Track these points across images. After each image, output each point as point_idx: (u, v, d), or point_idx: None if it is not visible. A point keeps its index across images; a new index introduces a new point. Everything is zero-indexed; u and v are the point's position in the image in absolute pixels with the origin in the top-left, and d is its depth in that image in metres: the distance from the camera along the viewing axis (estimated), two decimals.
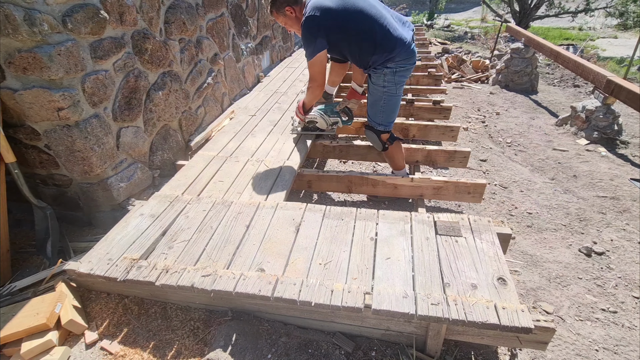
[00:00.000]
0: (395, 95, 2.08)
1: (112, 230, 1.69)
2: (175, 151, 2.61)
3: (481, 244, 1.50)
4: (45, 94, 1.69)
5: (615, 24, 9.81)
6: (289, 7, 1.99)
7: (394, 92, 2.06)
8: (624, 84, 3.20)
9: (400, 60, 1.96)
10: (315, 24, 1.90)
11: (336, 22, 1.90)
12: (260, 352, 1.34)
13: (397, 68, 1.98)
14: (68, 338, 1.45)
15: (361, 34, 1.91)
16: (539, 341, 1.27)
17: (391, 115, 2.16)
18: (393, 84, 2.03)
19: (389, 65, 1.97)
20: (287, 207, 1.77)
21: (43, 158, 1.96)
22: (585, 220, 2.44)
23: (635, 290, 1.90)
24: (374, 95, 2.11)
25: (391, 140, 2.23)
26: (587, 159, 3.23)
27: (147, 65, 2.24)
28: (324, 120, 2.49)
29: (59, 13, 1.64)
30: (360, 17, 1.88)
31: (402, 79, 2.06)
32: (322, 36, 1.93)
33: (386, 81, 2.02)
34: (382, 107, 2.11)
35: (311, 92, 2.21)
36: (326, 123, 2.50)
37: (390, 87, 2.04)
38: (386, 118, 2.16)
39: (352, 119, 2.58)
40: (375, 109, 2.14)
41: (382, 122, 2.17)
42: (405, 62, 1.99)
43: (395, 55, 1.93)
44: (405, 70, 2.03)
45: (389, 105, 2.11)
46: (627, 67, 5.37)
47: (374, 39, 1.90)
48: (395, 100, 2.11)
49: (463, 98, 4.76)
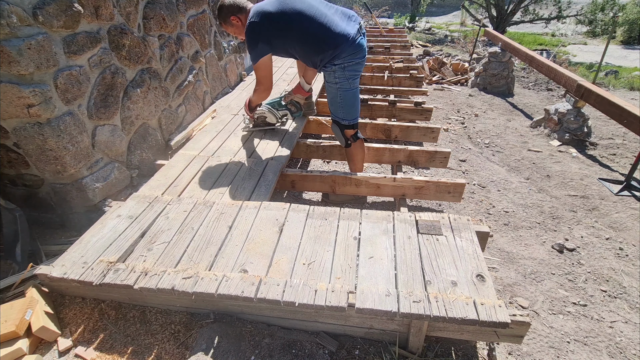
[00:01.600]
0: (349, 90, 2.10)
1: (87, 232, 1.62)
2: (155, 150, 2.54)
3: (461, 242, 1.54)
4: (14, 89, 1.61)
5: (585, 31, 10.31)
6: (234, 16, 2.03)
7: (347, 87, 2.08)
8: (593, 89, 3.37)
9: (346, 55, 1.96)
10: (256, 31, 1.92)
11: (276, 26, 1.92)
12: (244, 354, 1.33)
13: (345, 63, 1.99)
14: (40, 346, 1.38)
15: (302, 35, 1.94)
16: (516, 335, 1.31)
17: (351, 110, 2.18)
18: (344, 79, 2.04)
19: (336, 62, 1.98)
20: (270, 207, 1.76)
21: (12, 157, 1.86)
22: (557, 218, 2.55)
23: (603, 285, 2.01)
24: (330, 92, 2.15)
25: (355, 137, 2.26)
26: (560, 159, 3.38)
27: (124, 61, 2.16)
28: (272, 115, 2.54)
29: (29, 5, 1.57)
30: (299, 18, 1.90)
31: (354, 73, 2.07)
32: (264, 41, 1.94)
33: (337, 77, 2.04)
34: (340, 103, 2.14)
35: (257, 94, 2.23)
36: (275, 117, 2.55)
37: (343, 83, 2.06)
38: (347, 113, 2.18)
39: (301, 111, 2.64)
40: (335, 106, 2.18)
41: (344, 117, 2.19)
42: (353, 56, 1.98)
43: (340, 52, 1.94)
44: (355, 64, 2.03)
45: (346, 101, 2.13)
46: (596, 73, 5.66)
47: (316, 39, 1.93)
48: (351, 94, 2.13)
49: (443, 100, 4.88)
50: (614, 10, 8.95)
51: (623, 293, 1.95)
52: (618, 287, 1.99)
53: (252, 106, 2.39)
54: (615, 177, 3.11)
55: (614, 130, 4.04)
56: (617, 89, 5.85)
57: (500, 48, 5.14)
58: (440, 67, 6.17)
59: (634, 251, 2.26)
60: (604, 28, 9.18)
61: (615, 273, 2.08)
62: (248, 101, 2.38)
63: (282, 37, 1.96)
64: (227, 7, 2.02)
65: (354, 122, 2.22)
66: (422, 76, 4.25)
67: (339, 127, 2.23)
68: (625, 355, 1.62)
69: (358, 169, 2.37)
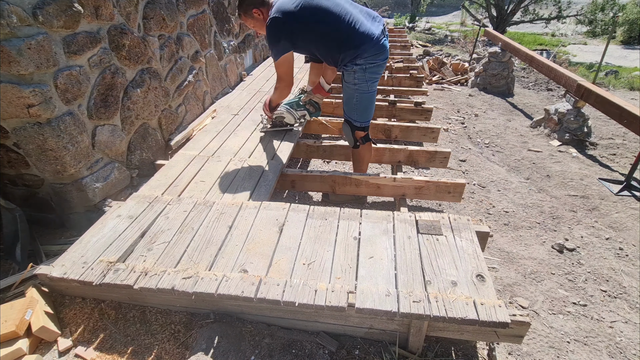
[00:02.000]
0: (367, 93, 2.09)
1: (87, 232, 1.62)
2: (155, 150, 2.54)
3: (461, 242, 1.54)
4: (14, 89, 1.60)
5: (585, 31, 10.31)
6: (256, 9, 1.98)
7: (365, 89, 2.07)
8: (593, 89, 3.37)
9: (369, 56, 1.95)
10: (278, 27, 1.89)
11: (300, 25, 1.90)
12: (244, 354, 1.33)
13: (366, 64, 1.98)
14: (40, 346, 1.38)
15: (326, 34, 1.92)
16: (516, 335, 1.31)
17: (365, 113, 2.18)
18: (364, 80, 2.03)
19: (358, 62, 1.96)
20: (270, 207, 1.76)
21: (12, 157, 1.86)
22: (557, 218, 2.55)
23: (603, 285, 2.01)
24: (347, 92, 2.14)
25: (364, 140, 2.26)
26: (560, 159, 3.38)
27: (124, 61, 2.16)
28: (291, 115, 2.51)
29: (29, 5, 1.57)
30: (324, 16, 1.88)
31: (374, 76, 2.05)
32: (286, 38, 1.92)
33: (357, 78, 2.02)
34: (356, 104, 2.13)
35: (279, 91, 2.20)
36: (294, 117, 2.52)
37: (362, 85, 2.04)
38: (361, 115, 2.17)
39: (319, 111, 2.59)
40: (350, 106, 2.17)
41: (357, 118, 2.18)
42: (375, 57, 1.97)
43: (362, 52, 1.92)
44: (376, 66, 2.02)
45: (362, 103, 2.13)
46: (596, 73, 5.66)
47: (340, 37, 1.91)
48: (368, 97, 2.12)
49: (443, 100, 4.88)
50: (614, 10, 8.96)
51: (623, 293, 1.95)
52: (618, 287, 1.99)
53: (272, 106, 2.35)
54: (615, 177, 3.11)
55: (614, 130, 4.04)
56: (617, 89, 5.85)
57: (500, 48, 5.14)
58: (440, 67, 6.17)
59: (634, 251, 2.26)
60: (604, 28, 9.18)
61: (615, 273, 2.08)
62: (268, 101, 2.34)
63: (306, 33, 1.93)
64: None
65: (366, 125, 2.21)
66: (422, 76, 4.25)
67: (351, 127, 2.22)
68: (625, 355, 1.62)
69: (362, 171, 2.35)
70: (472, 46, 7.13)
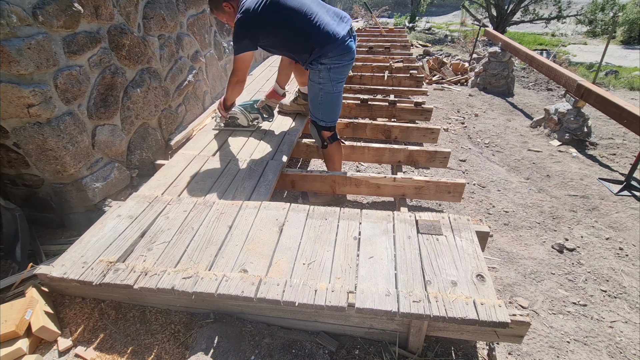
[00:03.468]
0: (331, 93, 2.09)
1: (87, 232, 1.62)
2: (155, 150, 2.54)
3: (461, 242, 1.54)
4: (14, 89, 1.60)
5: (585, 31, 10.31)
6: (226, 2, 2.01)
7: (330, 89, 2.07)
8: (593, 89, 3.37)
9: (334, 56, 1.96)
10: (245, 26, 1.92)
11: (266, 23, 1.92)
12: (244, 354, 1.33)
13: (331, 64, 1.99)
14: (40, 346, 1.38)
15: (292, 32, 1.95)
16: (515, 335, 1.31)
17: (331, 113, 2.17)
18: (328, 80, 2.03)
19: (323, 61, 1.97)
20: (270, 207, 1.76)
21: (12, 157, 1.86)
22: (557, 218, 2.55)
23: (603, 284, 2.01)
24: (312, 91, 2.14)
25: (332, 139, 2.25)
26: (559, 159, 3.38)
27: (124, 61, 2.16)
28: (244, 117, 2.57)
29: (29, 5, 1.57)
30: (291, 15, 1.90)
31: (339, 76, 2.06)
32: (250, 37, 1.95)
33: (321, 78, 2.03)
34: (320, 103, 2.13)
35: (231, 87, 2.19)
36: (247, 119, 2.58)
37: (326, 84, 2.05)
38: (326, 115, 2.17)
39: (272, 116, 2.67)
40: (315, 105, 2.17)
41: (322, 118, 2.18)
42: (340, 57, 1.98)
43: (327, 51, 1.94)
44: (342, 67, 2.03)
45: (327, 103, 2.13)
46: (596, 73, 5.66)
47: (304, 36, 1.93)
48: (333, 97, 2.12)
49: (443, 100, 4.88)
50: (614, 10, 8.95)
51: (623, 293, 1.95)
52: (618, 287, 1.99)
53: (227, 105, 2.37)
54: (615, 177, 3.11)
55: (614, 130, 4.03)
56: (617, 89, 5.85)
57: (500, 48, 5.13)
58: (440, 67, 6.17)
59: (634, 251, 2.26)
60: (604, 28, 9.18)
61: (615, 273, 2.08)
62: (223, 100, 2.36)
63: (272, 33, 1.96)
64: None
65: (332, 125, 2.21)
66: (422, 76, 4.25)
67: (317, 127, 2.22)
68: (625, 355, 1.62)
69: (336, 169, 2.35)
70: (472, 46, 7.13)
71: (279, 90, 2.54)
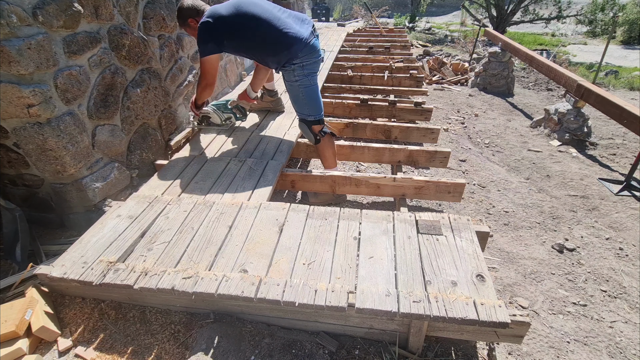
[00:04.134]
0: (310, 86, 2.18)
1: (87, 232, 1.62)
2: (155, 150, 2.54)
3: (461, 242, 1.54)
4: (14, 89, 1.60)
5: (585, 31, 10.31)
6: (192, 19, 2.14)
7: (308, 83, 2.16)
8: (593, 89, 3.37)
9: (302, 56, 2.06)
10: (208, 30, 1.99)
11: (230, 29, 2.00)
12: (243, 354, 1.33)
13: (302, 62, 2.09)
14: (40, 346, 1.38)
15: (258, 38, 2.03)
16: (515, 335, 1.31)
17: (316, 105, 2.24)
18: (304, 76, 2.13)
19: (295, 61, 2.08)
20: (270, 207, 1.76)
21: (12, 157, 1.86)
22: (557, 218, 2.55)
23: (603, 285, 2.01)
24: (292, 91, 2.22)
25: (323, 133, 2.31)
26: (559, 159, 3.38)
27: (124, 61, 2.16)
28: (217, 116, 2.64)
29: (29, 5, 1.57)
30: (253, 22, 1.99)
31: (312, 71, 2.16)
32: (215, 41, 2.01)
33: (297, 75, 2.12)
34: (304, 99, 2.21)
35: (201, 89, 2.24)
36: (219, 118, 2.66)
37: (303, 80, 2.14)
38: (313, 109, 2.24)
39: (245, 116, 2.76)
40: (299, 104, 2.24)
41: (310, 112, 2.24)
42: (309, 56, 2.09)
43: (295, 52, 2.04)
44: (312, 63, 2.14)
45: (309, 97, 2.20)
46: (596, 73, 5.66)
47: (271, 41, 2.03)
48: (312, 90, 2.20)
49: (443, 100, 4.88)
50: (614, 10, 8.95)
51: (623, 293, 1.95)
52: (618, 287, 1.99)
53: (197, 104, 2.40)
54: (615, 177, 3.11)
55: (614, 130, 4.04)
56: (617, 89, 5.86)
57: (500, 48, 5.14)
58: (440, 67, 6.17)
59: (634, 251, 2.26)
60: (604, 28, 9.18)
61: (615, 273, 2.08)
62: (194, 99, 2.40)
63: (237, 38, 2.04)
64: (186, 10, 2.12)
65: (320, 117, 2.27)
66: (422, 76, 4.25)
67: (306, 124, 2.27)
68: (625, 355, 1.62)
69: (331, 165, 2.37)
70: (472, 46, 7.13)
71: (251, 94, 2.62)
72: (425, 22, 11.95)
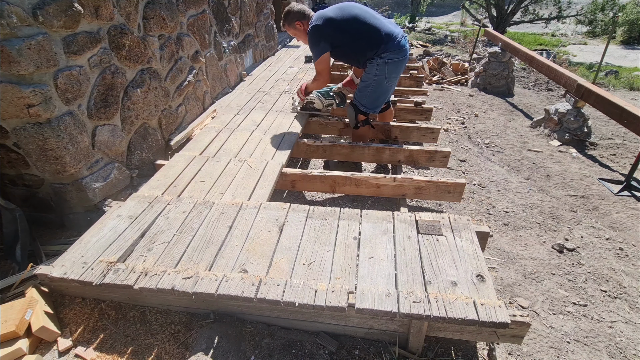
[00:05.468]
0: (383, 84, 2.45)
1: (87, 233, 1.62)
2: (155, 150, 2.54)
3: (461, 242, 1.54)
4: (14, 89, 1.60)
5: (585, 31, 10.31)
6: (299, 21, 2.47)
7: (382, 81, 2.44)
8: (593, 89, 3.37)
9: (392, 51, 2.35)
10: (319, 32, 2.34)
11: (336, 28, 2.34)
12: (244, 354, 1.33)
13: (388, 59, 2.36)
14: (40, 346, 1.38)
15: (357, 34, 2.35)
16: (515, 335, 1.31)
17: (375, 102, 2.53)
18: (384, 73, 2.41)
19: (382, 55, 2.36)
20: (270, 207, 1.76)
21: (12, 157, 1.86)
22: (557, 218, 2.55)
23: (603, 285, 2.00)
24: (365, 81, 2.49)
25: (364, 123, 2.62)
26: (560, 159, 3.38)
27: (124, 61, 2.16)
28: (320, 102, 2.89)
29: (29, 5, 1.57)
30: (355, 21, 2.34)
31: (393, 72, 2.42)
32: (325, 40, 2.35)
33: (378, 70, 2.40)
34: (370, 92, 2.48)
35: (316, 83, 2.62)
36: (322, 104, 2.91)
37: (381, 76, 2.42)
38: (370, 102, 2.53)
39: (344, 103, 2.95)
40: (363, 93, 2.52)
41: (365, 104, 2.53)
42: (396, 53, 2.37)
43: (386, 47, 2.34)
44: (397, 62, 2.40)
45: (376, 92, 2.48)
46: (596, 73, 5.65)
47: (369, 36, 2.34)
48: (383, 89, 2.48)
49: (443, 100, 4.88)
50: (614, 10, 8.96)
51: (623, 293, 1.95)
52: (618, 287, 1.99)
53: (307, 91, 2.76)
54: (615, 177, 3.11)
55: (614, 130, 4.03)
56: (617, 89, 5.85)
57: (500, 48, 5.13)
58: (440, 67, 6.17)
59: (634, 251, 2.26)
60: (604, 28, 9.18)
61: (615, 273, 2.08)
62: (305, 86, 2.74)
63: (341, 36, 2.35)
64: (294, 13, 2.46)
65: (369, 112, 2.56)
66: (422, 76, 4.25)
67: (355, 110, 2.56)
68: (625, 355, 1.62)
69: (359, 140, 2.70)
70: (472, 46, 7.12)
71: (355, 80, 2.84)
72: (425, 22, 11.95)
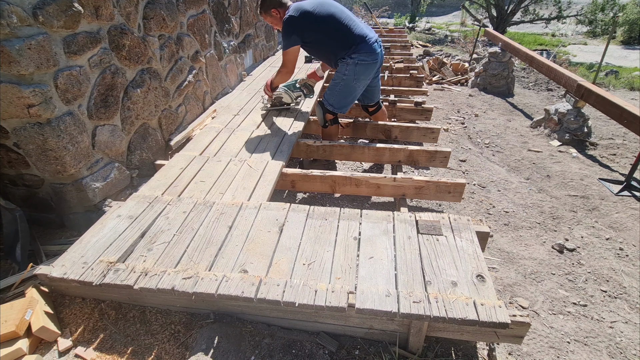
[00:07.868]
0: (350, 85, 2.44)
1: (87, 233, 1.62)
2: (155, 150, 2.54)
3: (461, 242, 1.54)
4: (14, 89, 1.60)
5: (585, 31, 10.31)
6: (275, 9, 2.40)
7: (351, 81, 2.42)
8: (593, 89, 3.37)
9: (362, 53, 2.34)
10: (293, 23, 2.29)
11: (310, 22, 2.30)
12: (244, 355, 1.33)
13: (358, 60, 2.35)
14: (40, 346, 1.38)
15: (332, 32, 2.33)
16: (516, 335, 1.31)
17: (342, 101, 2.51)
18: (353, 74, 2.39)
19: (353, 56, 2.35)
20: (270, 208, 1.76)
21: (12, 157, 1.86)
22: (557, 218, 2.55)
23: (603, 285, 2.00)
24: (334, 80, 2.49)
25: (332, 122, 2.63)
26: (560, 159, 3.38)
27: (124, 61, 2.16)
28: (288, 95, 2.91)
29: (29, 5, 1.57)
30: (330, 18, 2.31)
31: (362, 74, 2.40)
32: (297, 33, 2.31)
33: (348, 70, 2.39)
34: (338, 90, 2.48)
35: (281, 75, 2.57)
36: (291, 98, 2.92)
37: (349, 76, 2.41)
38: (337, 101, 2.51)
39: (312, 93, 3.02)
40: (332, 92, 2.52)
41: (333, 103, 2.53)
42: (366, 56, 2.35)
43: (357, 48, 2.33)
44: (367, 64, 2.38)
45: (344, 91, 2.47)
46: (596, 73, 5.65)
47: (343, 35, 2.33)
48: (350, 89, 2.46)
49: (443, 100, 4.88)
50: (614, 11, 8.96)
51: (623, 293, 1.95)
52: (618, 287, 1.99)
53: (273, 86, 2.70)
54: (615, 177, 3.11)
55: (614, 130, 4.03)
56: (617, 89, 5.85)
57: (500, 48, 5.13)
58: (440, 67, 6.17)
59: (634, 251, 2.26)
60: (604, 28, 9.18)
61: (615, 273, 2.08)
62: (269, 82, 2.69)
63: (314, 31, 2.33)
64: (270, 0, 2.38)
65: (336, 112, 2.55)
66: (422, 76, 4.25)
67: (322, 109, 2.56)
68: (625, 355, 1.62)
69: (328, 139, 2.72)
70: (472, 46, 7.12)
71: (320, 73, 2.91)
72: (426, 22, 11.95)
